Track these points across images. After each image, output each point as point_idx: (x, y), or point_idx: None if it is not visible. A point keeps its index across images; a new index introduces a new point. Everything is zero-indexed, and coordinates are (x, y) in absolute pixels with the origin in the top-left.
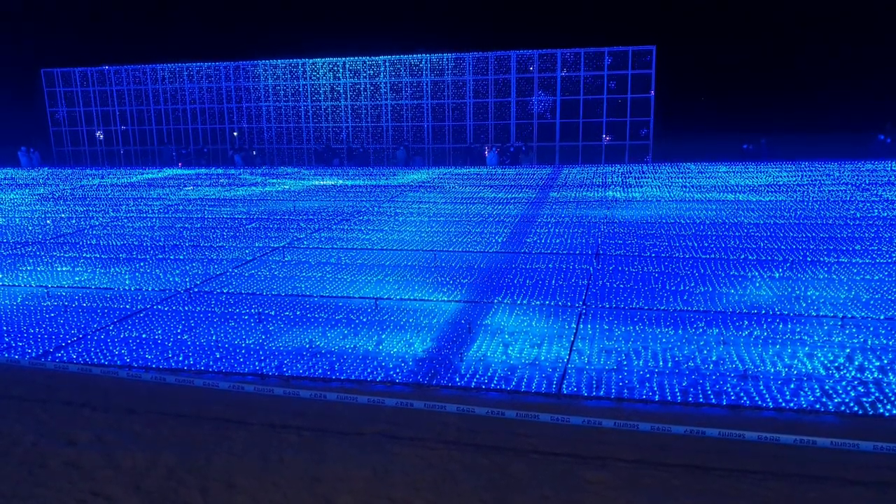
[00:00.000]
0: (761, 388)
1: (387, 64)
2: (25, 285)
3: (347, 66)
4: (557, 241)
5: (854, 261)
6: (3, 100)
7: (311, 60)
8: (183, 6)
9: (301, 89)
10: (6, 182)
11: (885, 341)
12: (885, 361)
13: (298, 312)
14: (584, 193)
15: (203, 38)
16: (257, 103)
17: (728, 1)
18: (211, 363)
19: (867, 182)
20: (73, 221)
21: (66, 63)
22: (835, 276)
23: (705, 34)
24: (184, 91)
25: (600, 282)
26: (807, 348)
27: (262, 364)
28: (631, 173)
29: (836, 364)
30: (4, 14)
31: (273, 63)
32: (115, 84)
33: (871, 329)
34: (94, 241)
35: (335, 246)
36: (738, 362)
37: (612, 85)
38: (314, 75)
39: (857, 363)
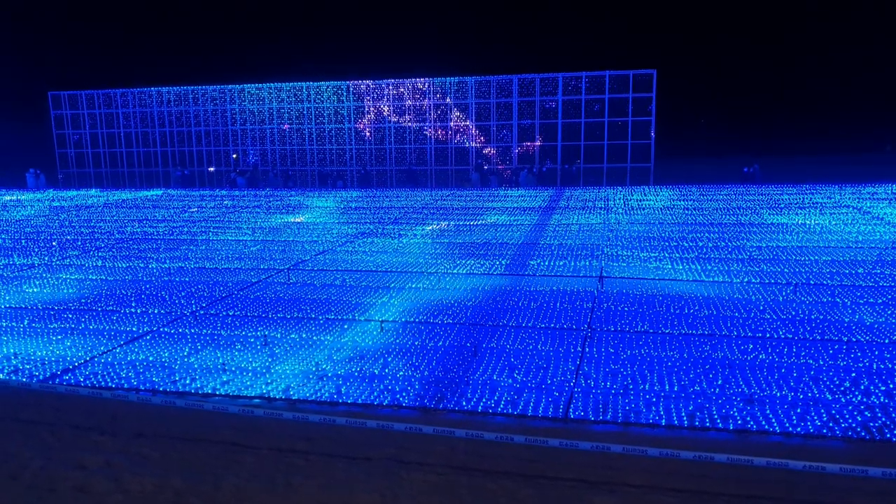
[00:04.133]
0: (768, 412)
1: (390, 87)
2: (31, 307)
3: (351, 89)
4: (561, 263)
5: (857, 284)
6: (11, 122)
7: (315, 84)
8: (189, 32)
9: (305, 112)
10: (12, 203)
11: (890, 365)
12: (891, 386)
13: (304, 335)
14: (586, 216)
15: (210, 62)
16: (261, 126)
17: (728, 28)
18: (218, 386)
19: (867, 205)
20: (79, 243)
21: (73, 86)
22: (838, 300)
23: (705, 59)
24: (189, 113)
25: (605, 304)
26: (812, 372)
27: (269, 387)
28: (633, 195)
29: (843, 388)
30: (13, 38)
31: (277, 86)
32: (121, 107)
33: (876, 353)
34: (99, 263)
35: (340, 268)
36: (743, 386)
37: (613, 107)
38: (318, 98)
39: (862, 387)
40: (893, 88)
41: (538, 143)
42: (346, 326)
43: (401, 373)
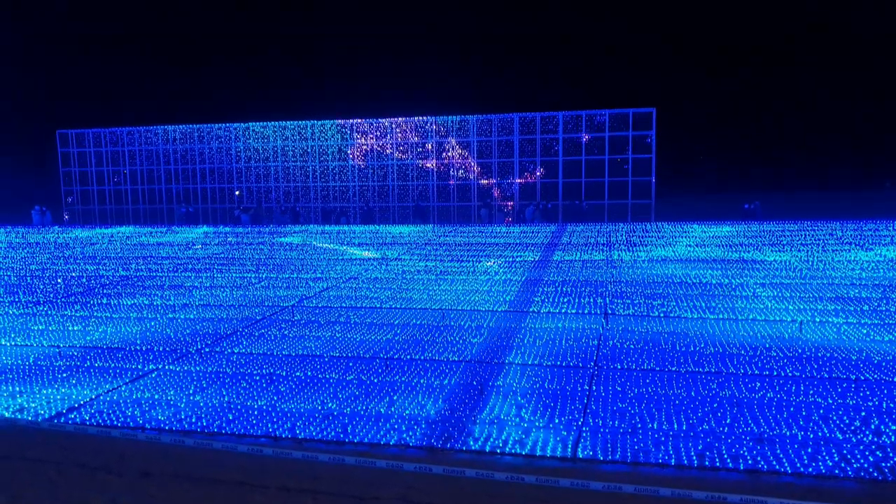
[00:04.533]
0: (778, 451)
1: (393, 126)
2: (37, 345)
3: (355, 127)
4: (565, 300)
5: (863, 321)
6: (16, 158)
7: (319, 122)
8: (195, 73)
9: (309, 149)
10: (18, 241)
11: None
12: None
13: (309, 373)
14: (589, 252)
15: (216, 102)
16: (265, 163)
17: (724, 74)
18: (224, 425)
19: (870, 242)
20: (84, 280)
21: (79, 125)
22: (844, 337)
23: (706, 96)
24: (194, 151)
25: (610, 342)
26: (822, 410)
27: (275, 426)
28: (634, 232)
29: (853, 427)
30: (22, 79)
31: (282, 124)
32: (127, 145)
33: (886, 391)
34: (104, 301)
35: (344, 304)
36: (752, 425)
37: (613, 145)
38: (322, 136)
39: (873, 426)
40: (893, 124)
41: (540, 179)
42: (350, 364)
43: (407, 411)
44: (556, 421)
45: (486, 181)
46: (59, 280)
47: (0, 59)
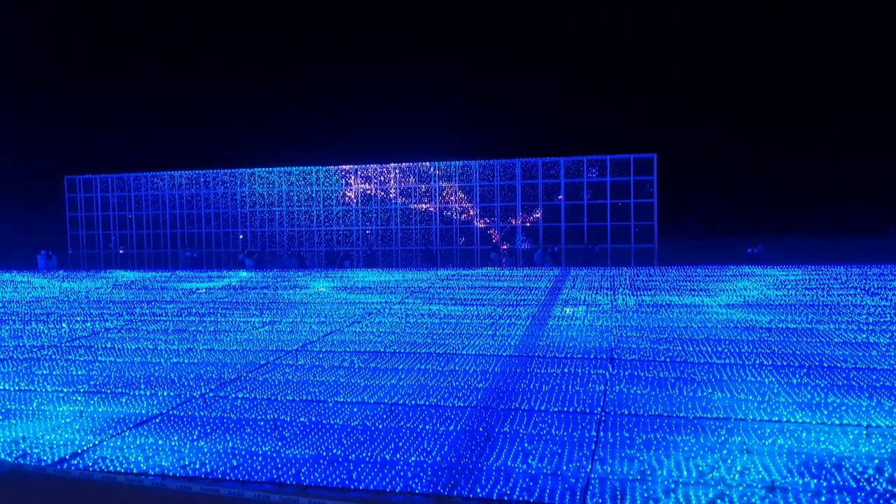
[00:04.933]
0: (791, 500)
1: (397, 170)
2: (41, 390)
3: (358, 172)
4: (571, 344)
5: (872, 366)
6: (26, 205)
7: (324, 168)
8: (198, 118)
9: (314, 194)
10: (24, 284)
11: None
12: None
13: (314, 418)
14: (593, 296)
15: (221, 147)
16: (270, 208)
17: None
18: (228, 471)
19: (875, 286)
20: (88, 324)
21: (85, 170)
22: (854, 383)
23: (707, 141)
24: (199, 196)
25: (617, 387)
26: (833, 458)
27: (280, 472)
28: (638, 276)
29: (867, 476)
30: (31, 125)
31: (287, 170)
32: (133, 190)
33: None
34: (108, 345)
35: (347, 349)
36: (763, 472)
37: (615, 190)
38: (327, 181)
39: (887, 474)
40: (893, 170)
41: (542, 223)
42: (354, 409)
43: (412, 458)
44: (564, 468)
45: (490, 229)
46: (63, 325)
47: (4, 105)
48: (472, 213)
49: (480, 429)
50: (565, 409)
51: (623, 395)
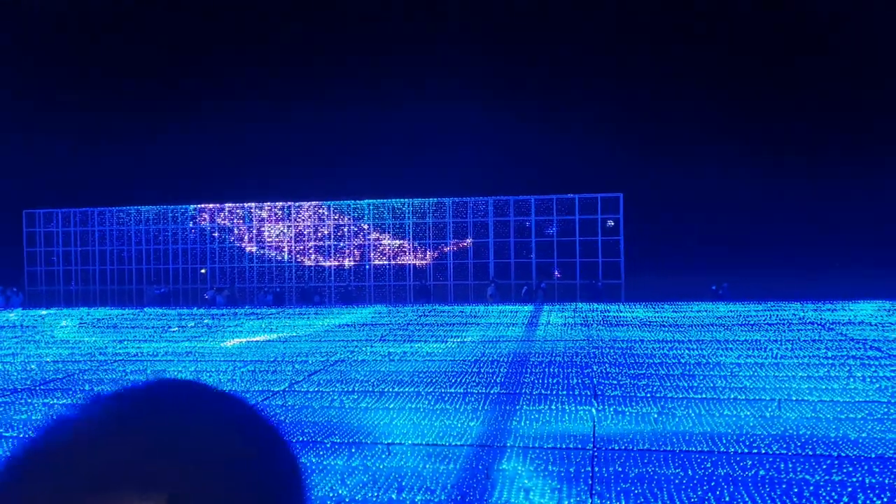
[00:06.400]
0: None
1: (371, 207)
2: (19, 434)
3: (332, 208)
4: (553, 381)
5: (836, 399)
6: None
7: (297, 203)
8: (171, 154)
9: (286, 230)
10: None
11: (881, 479)
12: (885, 500)
13: (315, 459)
14: (568, 332)
15: (188, 182)
16: (240, 243)
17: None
18: None
19: (830, 321)
20: (60, 365)
21: (46, 205)
22: (821, 415)
23: (674, 179)
24: (167, 231)
25: (604, 423)
26: (811, 487)
27: None
28: (609, 311)
29: (843, 502)
30: None
31: (260, 205)
32: (97, 224)
33: (866, 467)
34: (86, 387)
35: (335, 389)
36: (749, 502)
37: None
38: (300, 217)
39: (860, 502)
40: (855, 208)
41: (514, 259)
42: (353, 450)
43: (418, 497)
44: (566, 503)
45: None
46: (32, 366)
47: None
48: (451, 248)
49: (479, 467)
50: (558, 446)
51: (612, 431)
